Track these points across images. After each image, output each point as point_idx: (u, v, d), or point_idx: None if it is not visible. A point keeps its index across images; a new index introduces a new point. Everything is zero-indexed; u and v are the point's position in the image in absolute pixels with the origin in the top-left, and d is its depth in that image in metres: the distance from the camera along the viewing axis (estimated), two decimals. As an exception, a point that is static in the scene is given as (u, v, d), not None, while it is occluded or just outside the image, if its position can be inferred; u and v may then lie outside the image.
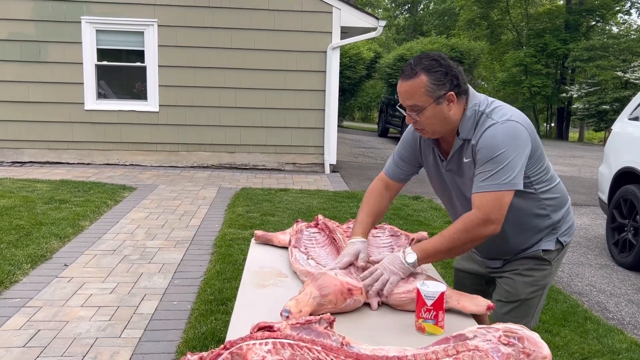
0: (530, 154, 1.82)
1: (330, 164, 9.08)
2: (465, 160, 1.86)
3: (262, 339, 1.29)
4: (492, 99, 1.89)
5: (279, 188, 7.45)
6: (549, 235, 1.99)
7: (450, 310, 1.71)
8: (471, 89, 1.87)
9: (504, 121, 1.77)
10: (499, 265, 2.08)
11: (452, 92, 1.77)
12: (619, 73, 21.63)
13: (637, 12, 34.64)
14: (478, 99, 1.85)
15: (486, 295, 2.08)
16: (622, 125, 5.57)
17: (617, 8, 27.62)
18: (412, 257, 1.77)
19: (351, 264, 1.88)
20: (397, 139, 15.80)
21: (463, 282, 2.28)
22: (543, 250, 1.98)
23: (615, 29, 29.79)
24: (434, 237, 1.83)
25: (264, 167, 9.05)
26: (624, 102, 19.23)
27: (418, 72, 1.75)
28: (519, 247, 2.00)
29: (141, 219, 5.63)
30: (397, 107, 2.09)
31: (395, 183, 2.13)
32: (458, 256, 2.31)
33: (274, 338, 1.30)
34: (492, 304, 1.68)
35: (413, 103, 1.78)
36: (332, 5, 8.70)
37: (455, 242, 1.77)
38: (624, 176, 5.18)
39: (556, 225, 2.00)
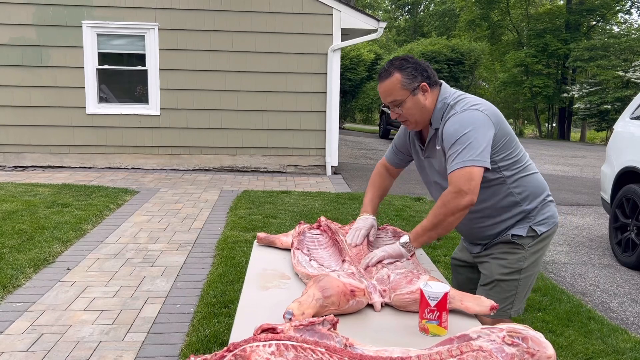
0: (496, 139, 1.99)
1: (331, 166, 9.08)
2: (437, 147, 2.08)
3: (265, 340, 1.29)
4: (462, 92, 2.09)
5: (281, 190, 7.45)
6: (521, 222, 2.14)
7: (453, 311, 1.70)
8: (445, 85, 2.09)
9: (464, 110, 1.98)
10: (479, 250, 2.26)
11: (424, 83, 2.02)
12: (620, 72, 21.62)
13: (638, 12, 34.62)
14: (448, 92, 2.07)
15: (477, 285, 2.28)
16: (624, 124, 5.56)
17: (618, 8, 27.62)
18: (404, 238, 2.02)
19: (364, 243, 2.13)
20: (398, 141, 15.79)
21: (457, 270, 2.50)
22: (512, 235, 2.13)
23: (616, 29, 29.77)
24: (424, 219, 2.03)
25: (265, 170, 9.05)
26: (625, 101, 19.22)
27: (392, 71, 2.01)
28: (492, 231, 2.17)
29: (143, 222, 5.63)
30: (382, 107, 2.35)
31: (393, 168, 2.43)
32: (457, 248, 2.55)
33: (277, 340, 1.29)
34: (495, 304, 1.67)
35: (393, 99, 2.03)
36: (332, 7, 8.71)
37: (437, 217, 1.94)
38: (626, 176, 5.17)
39: (529, 214, 2.13)
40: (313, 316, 1.58)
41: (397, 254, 1.98)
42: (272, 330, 1.36)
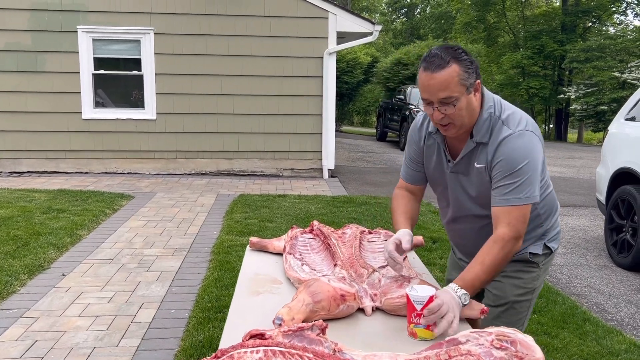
0: None
1: (328, 169, 9.08)
2: (477, 165, 1.82)
3: (253, 347, 1.29)
4: (499, 99, 1.85)
5: (277, 194, 7.45)
6: (537, 240, 2.00)
7: (444, 315, 1.70)
8: (488, 93, 1.83)
9: (521, 132, 1.74)
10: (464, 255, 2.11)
11: (479, 80, 1.74)
12: (616, 73, 21.67)
13: (633, 13, 34.69)
14: (492, 100, 1.82)
15: None
16: (618, 125, 5.58)
17: (613, 9, 27.69)
18: (465, 298, 1.64)
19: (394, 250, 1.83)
20: (395, 143, 15.81)
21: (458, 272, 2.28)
22: (530, 254, 1.97)
23: (611, 30, 29.85)
24: (473, 266, 1.72)
25: (262, 173, 9.05)
26: (621, 102, 19.25)
27: (449, 60, 1.66)
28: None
29: (139, 227, 5.62)
30: (417, 105, 1.99)
31: (415, 186, 2.09)
32: (449, 266, 2.36)
33: (265, 346, 1.29)
34: (485, 307, 1.67)
35: (448, 94, 1.68)
36: (327, 11, 8.73)
37: (498, 266, 1.73)
38: (622, 177, 5.18)
39: (546, 232, 2.01)
40: (303, 321, 1.58)
41: (457, 306, 1.60)
42: (260, 336, 1.35)
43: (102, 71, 8.60)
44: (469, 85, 1.69)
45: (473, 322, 1.78)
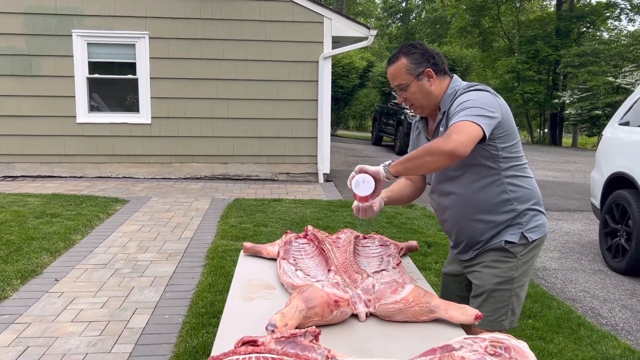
0: (501, 125, 1.97)
1: (323, 174, 9.07)
2: (441, 129, 2.05)
3: (245, 354, 1.28)
4: (471, 82, 2.09)
5: (273, 198, 7.43)
6: (514, 229, 2.09)
7: (438, 320, 1.70)
8: (457, 77, 2.12)
9: (475, 89, 2.00)
10: (468, 257, 2.19)
11: (429, 69, 2.04)
12: (610, 78, 21.76)
13: (627, 18, 34.91)
14: (459, 81, 2.10)
15: (467, 302, 2.19)
16: (612, 130, 5.59)
17: (607, 14, 27.85)
18: (387, 161, 2.02)
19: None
20: (391, 147, 15.83)
21: (448, 286, 2.40)
22: (506, 242, 2.08)
23: (605, 35, 30.00)
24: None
25: (257, 178, 9.03)
26: (615, 107, 19.32)
27: (399, 56, 2.06)
28: (484, 236, 2.10)
29: (133, 231, 5.60)
30: (392, 92, 2.32)
31: (417, 177, 2.36)
32: (446, 262, 2.45)
33: (257, 353, 1.28)
34: (480, 313, 1.67)
35: (398, 82, 2.07)
36: (323, 16, 8.74)
37: (418, 152, 1.88)
38: (616, 181, 5.19)
39: (520, 219, 2.09)
40: (297, 327, 1.57)
41: (375, 171, 1.99)
42: (253, 342, 1.34)
43: (96, 75, 8.58)
44: (418, 73, 2.04)
45: (467, 328, 1.77)
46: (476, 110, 1.87)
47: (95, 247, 5.02)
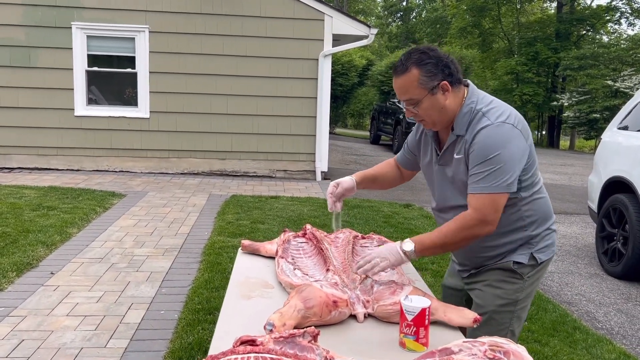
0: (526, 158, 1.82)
1: (321, 171, 9.06)
2: (456, 156, 1.87)
3: (243, 353, 1.27)
4: (492, 97, 1.89)
5: (270, 195, 7.42)
6: (523, 249, 1.95)
7: (437, 323, 1.69)
8: (472, 85, 1.89)
9: (500, 123, 1.77)
10: (469, 273, 2.07)
11: (445, 81, 1.80)
12: (609, 82, 21.81)
13: (627, 22, 34.96)
14: (476, 95, 1.86)
15: None
16: (611, 134, 5.60)
17: (607, 17, 27.89)
18: (409, 245, 1.82)
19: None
20: (389, 146, 15.83)
21: (448, 299, 2.24)
22: (514, 262, 1.94)
23: (605, 38, 30.06)
24: (432, 232, 1.86)
25: (255, 174, 9.02)
26: (614, 110, 19.38)
27: (409, 66, 1.79)
28: (491, 253, 1.97)
29: (130, 226, 5.58)
30: (396, 102, 2.19)
31: (402, 168, 2.28)
32: (447, 273, 2.34)
33: (255, 352, 1.27)
34: (478, 316, 1.66)
35: (409, 97, 1.82)
36: (324, 13, 8.72)
37: (451, 239, 1.81)
38: (613, 185, 5.20)
39: (532, 240, 1.96)
40: (295, 327, 1.56)
41: (398, 262, 1.83)
42: (251, 342, 1.34)
43: (95, 68, 8.55)
44: (432, 87, 1.79)
45: (463, 331, 1.77)
46: (504, 171, 1.74)
47: (92, 241, 5.00)
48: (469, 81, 1.90)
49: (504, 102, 1.88)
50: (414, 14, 43.64)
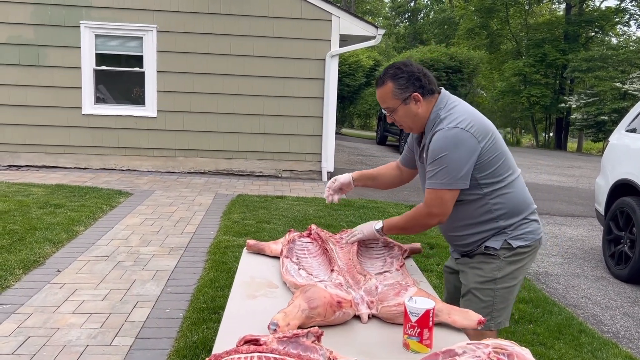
0: (481, 157, 2.00)
1: (327, 172, 9.06)
2: (424, 155, 2.14)
3: (247, 352, 1.27)
4: (457, 103, 2.08)
5: (276, 195, 7.43)
6: (497, 236, 2.13)
7: (441, 325, 1.69)
8: (444, 93, 2.11)
9: (450, 128, 1.98)
10: (458, 257, 2.30)
11: (416, 93, 2.05)
12: (618, 84, 21.69)
13: (636, 24, 34.76)
14: (444, 102, 2.08)
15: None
16: (619, 137, 5.57)
17: (616, 19, 27.74)
18: (379, 225, 2.23)
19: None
20: (395, 147, 15.81)
21: (447, 278, 2.49)
22: (486, 247, 2.13)
23: (614, 40, 29.90)
24: (400, 216, 2.20)
25: (261, 174, 9.03)
26: (622, 113, 19.27)
27: (385, 80, 2.08)
28: (467, 241, 2.18)
29: (136, 224, 5.60)
30: (379, 114, 2.39)
31: (403, 167, 2.46)
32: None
33: (259, 352, 1.28)
34: (482, 318, 1.66)
35: (387, 106, 2.11)
36: (331, 14, 8.72)
37: (408, 225, 2.16)
38: (621, 188, 5.17)
39: (506, 229, 2.12)
40: (299, 327, 1.57)
41: (371, 235, 2.25)
42: (255, 341, 1.34)
43: (103, 67, 8.59)
44: (405, 98, 2.06)
45: (468, 332, 1.77)
46: (449, 171, 1.97)
47: (98, 239, 5.02)
48: (442, 89, 2.12)
49: (467, 109, 2.06)
50: (422, 14, 43.57)
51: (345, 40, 9.14)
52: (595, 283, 4.83)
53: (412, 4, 43.17)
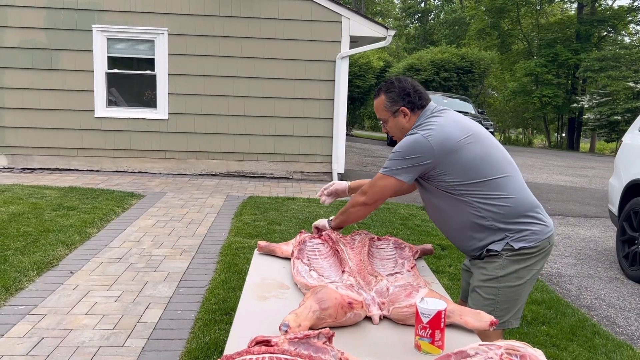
0: (436, 166, 2.09)
1: (338, 173, 9.06)
2: None
3: (258, 353, 1.28)
4: (436, 116, 2.17)
5: (287, 197, 7.44)
6: (499, 240, 2.15)
7: (453, 326, 1.68)
8: (427, 109, 2.22)
9: (412, 134, 2.13)
10: (470, 258, 2.33)
11: (404, 107, 2.21)
12: (631, 84, 21.48)
13: (650, 23, 34.36)
14: (425, 115, 2.19)
15: None
16: (632, 136, 5.52)
17: (629, 18, 27.47)
18: (330, 219, 2.44)
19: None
20: (406, 148, 15.75)
21: (464, 276, 2.52)
22: (488, 249, 2.16)
23: (627, 40, 29.62)
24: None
25: (272, 176, 9.05)
26: (635, 112, 19.09)
27: (380, 93, 2.26)
28: (468, 244, 2.22)
29: (148, 226, 5.64)
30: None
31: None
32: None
33: (270, 353, 1.28)
34: (495, 319, 1.65)
35: (379, 117, 2.30)
36: (341, 15, 8.73)
37: (345, 206, 2.34)
38: (634, 188, 5.12)
39: (506, 232, 2.14)
40: (310, 328, 1.57)
41: (322, 224, 2.48)
42: (266, 342, 1.34)
43: (115, 70, 8.66)
44: (394, 111, 2.23)
45: (483, 334, 1.76)
46: (394, 163, 2.13)
47: (111, 241, 5.06)
48: (431, 104, 2.24)
49: (440, 122, 2.12)
50: (432, 15, 43.45)
51: (355, 41, 9.14)
52: (609, 284, 4.78)
53: (422, 4, 43.06)
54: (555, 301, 4.12)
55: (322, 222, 2.47)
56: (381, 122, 2.31)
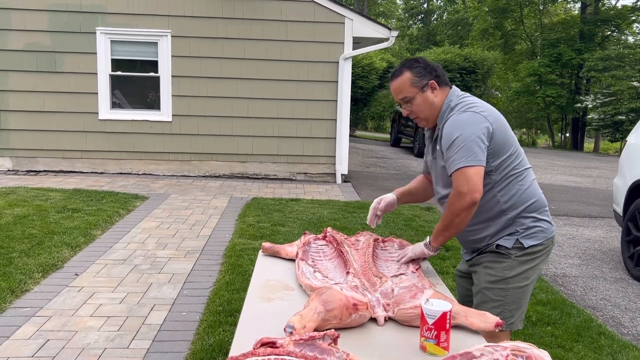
0: (493, 140, 2.04)
1: (341, 174, 9.06)
2: (437, 147, 2.17)
3: (264, 355, 1.28)
4: (468, 95, 2.16)
5: (290, 198, 7.45)
6: (509, 235, 2.14)
7: (458, 327, 1.68)
8: (455, 88, 2.19)
9: (461, 112, 2.06)
10: (470, 258, 2.30)
11: (433, 80, 2.13)
12: (635, 83, 21.42)
13: (653, 22, 34.26)
14: (455, 95, 2.15)
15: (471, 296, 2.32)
16: (637, 136, 5.50)
17: (633, 18, 27.38)
18: (426, 239, 2.17)
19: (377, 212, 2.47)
20: (409, 149, 15.76)
21: (459, 282, 2.52)
22: (497, 245, 2.15)
23: (631, 39, 29.52)
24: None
25: (275, 177, 9.06)
26: (639, 112, 19.03)
27: (402, 70, 2.15)
28: (477, 236, 2.19)
29: (152, 228, 5.65)
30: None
31: (427, 175, 2.46)
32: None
33: (276, 354, 1.28)
34: (500, 320, 1.65)
35: (404, 96, 2.15)
36: (344, 16, 8.73)
37: (447, 219, 2.07)
38: (639, 188, 5.10)
39: (516, 227, 2.13)
40: (315, 330, 1.57)
41: (421, 253, 2.16)
42: (271, 344, 1.34)
43: (119, 72, 8.68)
44: (423, 85, 2.13)
45: (490, 336, 1.75)
46: (467, 151, 1.99)
47: (115, 243, 5.07)
48: (453, 85, 2.20)
49: (479, 100, 2.12)
50: (435, 16, 43.40)
51: (358, 42, 9.14)
52: (615, 284, 4.76)
53: (425, 5, 43.03)
54: (561, 302, 4.11)
55: (418, 249, 2.16)
56: (402, 104, 2.19)
